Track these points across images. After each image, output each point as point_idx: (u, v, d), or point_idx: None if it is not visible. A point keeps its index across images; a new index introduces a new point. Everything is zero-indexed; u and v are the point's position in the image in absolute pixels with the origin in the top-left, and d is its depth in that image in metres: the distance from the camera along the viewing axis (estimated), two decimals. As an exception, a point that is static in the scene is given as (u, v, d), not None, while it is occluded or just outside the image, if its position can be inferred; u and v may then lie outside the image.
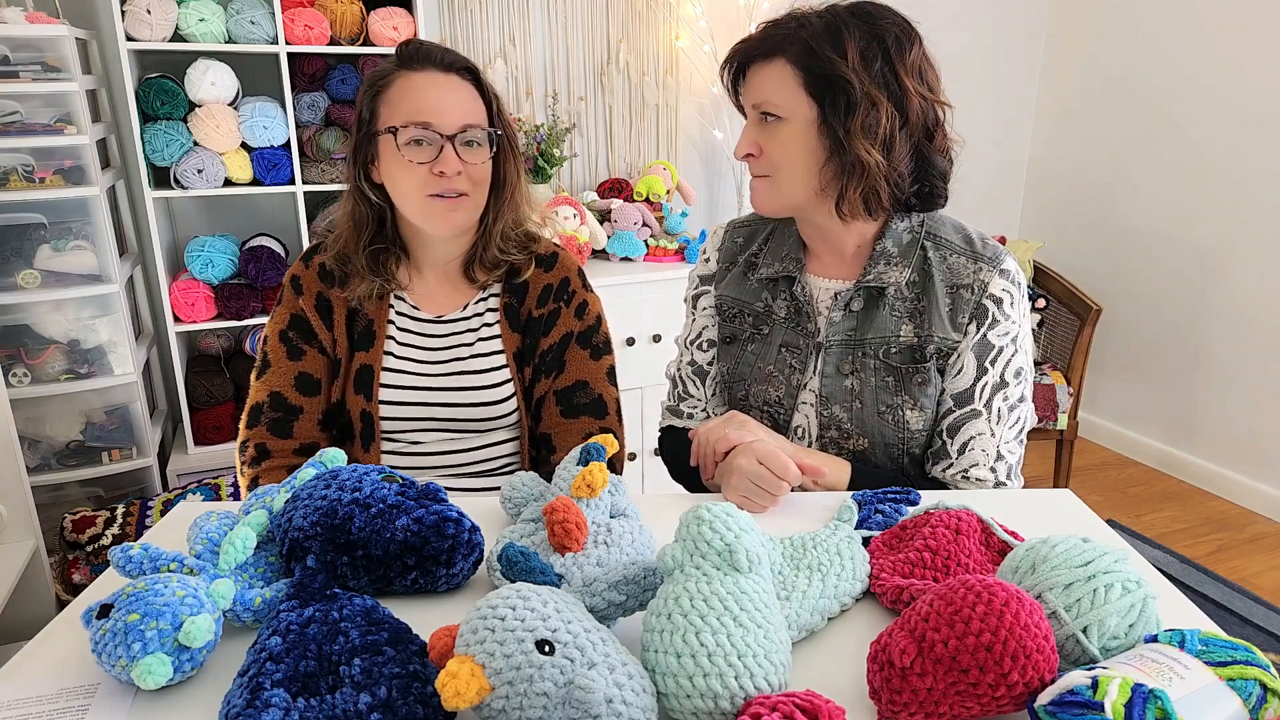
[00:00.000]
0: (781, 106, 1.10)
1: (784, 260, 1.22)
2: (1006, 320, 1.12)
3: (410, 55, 1.22)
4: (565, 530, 0.84)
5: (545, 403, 1.32)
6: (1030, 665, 0.61)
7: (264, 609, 0.79)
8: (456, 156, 1.19)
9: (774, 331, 1.23)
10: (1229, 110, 2.87)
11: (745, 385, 1.25)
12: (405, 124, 1.18)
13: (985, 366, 1.13)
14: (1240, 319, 2.90)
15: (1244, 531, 2.78)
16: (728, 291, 1.28)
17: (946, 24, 3.31)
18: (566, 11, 2.81)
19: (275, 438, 1.27)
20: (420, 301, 1.32)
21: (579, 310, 1.33)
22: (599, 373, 1.33)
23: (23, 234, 2.03)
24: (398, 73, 1.22)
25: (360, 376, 1.28)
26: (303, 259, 1.33)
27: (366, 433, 1.28)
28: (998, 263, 1.13)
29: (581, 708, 0.59)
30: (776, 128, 1.11)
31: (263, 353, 1.32)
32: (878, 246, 1.16)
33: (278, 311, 1.32)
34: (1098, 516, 1.03)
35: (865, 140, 1.06)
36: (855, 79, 1.05)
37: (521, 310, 1.31)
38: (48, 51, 1.97)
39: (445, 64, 1.22)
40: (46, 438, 2.14)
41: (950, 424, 1.15)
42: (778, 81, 1.10)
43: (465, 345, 1.30)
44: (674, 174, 2.92)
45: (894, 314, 1.15)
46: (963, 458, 1.14)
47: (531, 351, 1.31)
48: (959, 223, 1.19)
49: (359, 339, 1.29)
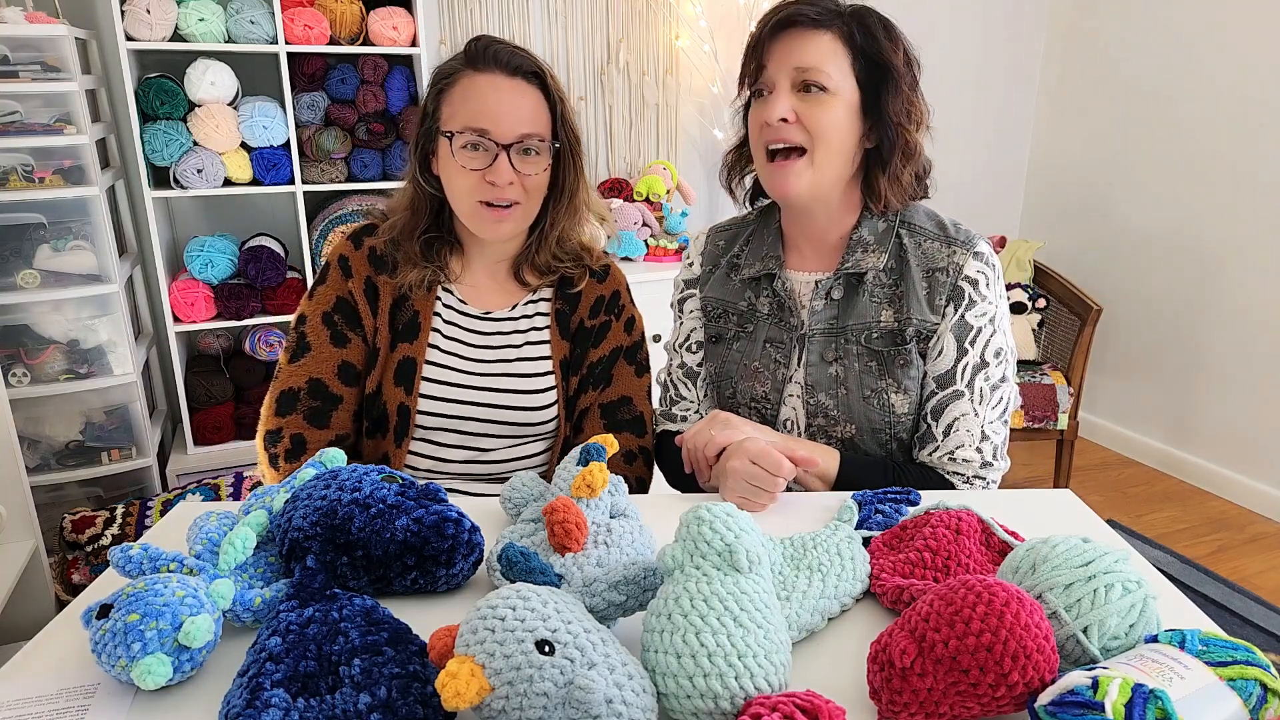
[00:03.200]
0: (831, 78, 1.10)
1: (764, 259, 1.24)
2: (983, 301, 1.14)
3: (476, 54, 1.18)
4: (565, 530, 0.84)
5: (589, 415, 1.30)
6: (1030, 665, 0.61)
7: (264, 609, 0.79)
8: (510, 167, 1.16)
9: (758, 328, 1.24)
10: (1229, 110, 2.87)
11: (733, 383, 1.26)
12: (462, 129, 1.16)
13: (965, 347, 1.14)
14: (1240, 319, 2.90)
15: (1244, 531, 2.78)
16: (712, 293, 1.29)
17: (947, 24, 3.31)
18: (566, 11, 2.81)
19: (313, 428, 1.21)
20: (468, 296, 1.29)
21: (628, 325, 1.33)
22: (641, 390, 1.33)
23: (22, 234, 2.03)
24: (463, 72, 1.18)
25: (402, 369, 1.23)
26: (351, 240, 1.27)
27: (401, 427, 1.23)
28: (971, 246, 1.15)
29: (581, 708, 0.59)
30: (820, 99, 1.10)
31: (299, 334, 1.24)
32: (854, 236, 1.18)
33: (321, 292, 1.25)
34: (1098, 516, 1.03)
35: (909, 124, 1.12)
36: (903, 69, 1.11)
37: (573, 319, 1.30)
38: (47, 51, 1.97)
39: (511, 67, 1.18)
40: (46, 438, 2.14)
41: (934, 406, 1.16)
42: (829, 52, 1.10)
43: (513, 347, 1.28)
44: (674, 174, 2.92)
45: (873, 300, 1.17)
46: (948, 439, 1.15)
47: (579, 361, 1.29)
48: (931, 210, 1.22)
49: (403, 330, 1.25)
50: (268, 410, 1.23)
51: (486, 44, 1.18)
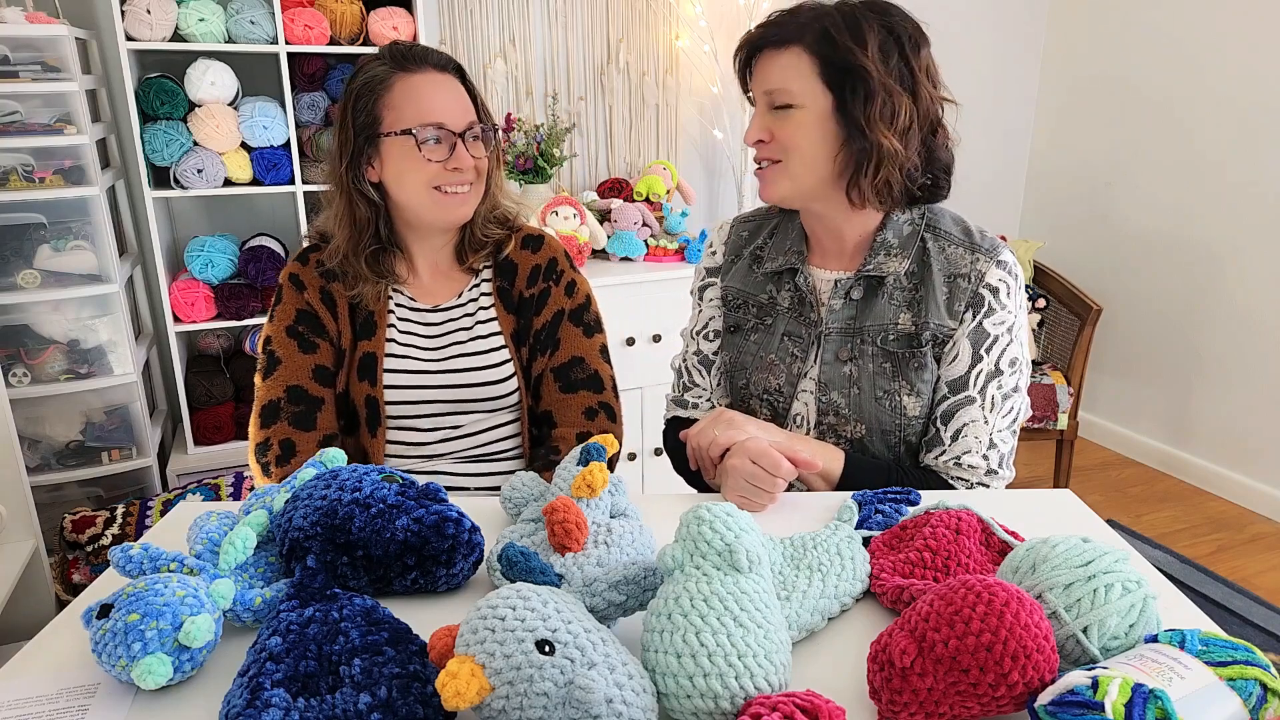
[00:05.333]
0: (795, 94, 1.10)
1: (787, 254, 1.24)
2: (1003, 310, 1.14)
3: (405, 56, 1.25)
4: (565, 530, 0.84)
5: (543, 380, 1.36)
6: (1030, 665, 0.61)
7: (264, 609, 0.79)
8: (467, 152, 1.25)
9: (777, 321, 1.25)
10: (1229, 110, 2.87)
11: (747, 374, 1.26)
12: (421, 125, 1.22)
13: (980, 354, 1.14)
14: (1240, 319, 2.90)
15: (1244, 531, 2.78)
16: (733, 283, 1.30)
17: (947, 23, 3.31)
18: (566, 11, 2.81)
19: (300, 431, 1.27)
20: (417, 294, 1.36)
21: (568, 289, 1.37)
22: (593, 349, 1.37)
23: (23, 234, 2.03)
24: (395, 75, 1.24)
25: (364, 363, 1.30)
26: (298, 259, 1.35)
27: (372, 419, 1.30)
28: (995, 254, 1.15)
29: (581, 708, 0.59)
30: (789, 114, 1.12)
31: (267, 353, 1.31)
32: (878, 238, 1.18)
33: (279, 311, 1.32)
34: (1098, 516, 1.03)
35: (884, 127, 1.08)
36: (874, 69, 1.07)
37: (513, 292, 1.36)
38: (47, 51, 1.97)
39: (439, 64, 1.26)
40: (46, 438, 2.14)
41: (945, 410, 1.16)
42: (793, 70, 1.10)
43: (464, 330, 1.34)
44: (674, 174, 2.92)
45: (892, 303, 1.17)
46: (955, 444, 1.15)
47: (526, 331, 1.35)
48: (959, 215, 1.21)
49: (361, 329, 1.32)
50: (254, 427, 1.29)
51: (407, 47, 1.26)
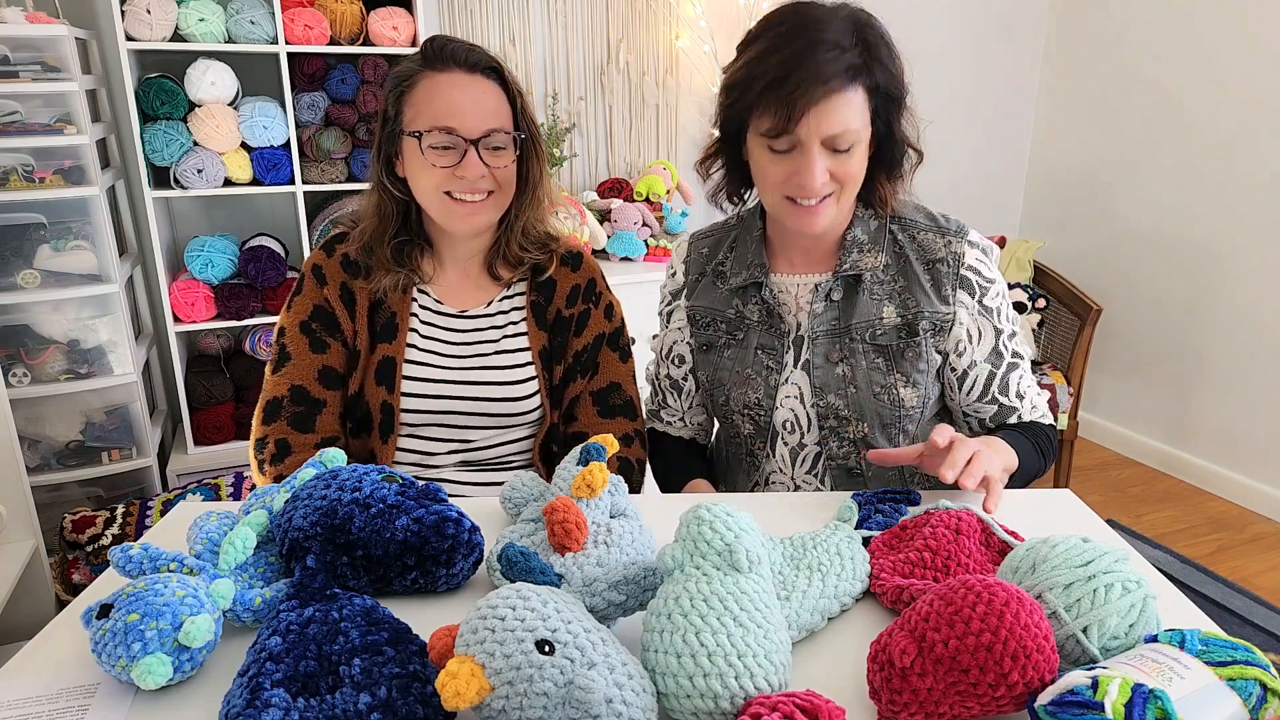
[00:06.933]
0: (858, 132, 1.08)
1: (750, 268, 1.24)
2: (990, 283, 1.19)
3: (434, 54, 1.20)
4: (565, 530, 0.84)
5: (580, 403, 1.32)
6: (1030, 665, 0.61)
7: (264, 609, 0.79)
8: (479, 161, 1.19)
9: (749, 335, 1.25)
10: (1230, 110, 2.87)
11: (725, 390, 1.26)
12: (430, 129, 1.17)
13: (998, 326, 1.20)
14: (1240, 319, 2.90)
15: (1244, 531, 2.78)
16: (699, 301, 1.29)
17: (947, 23, 3.32)
18: (566, 11, 2.81)
19: (297, 432, 1.24)
20: (443, 295, 1.31)
21: (607, 312, 1.34)
22: (627, 375, 1.35)
23: (22, 234, 2.03)
24: (422, 73, 1.20)
25: (382, 368, 1.26)
26: (323, 249, 1.30)
27: (386, 424, 1.26)
28: (964, 234, 1.20)
29: (581, 708, 0.59)
30: (850, 154, 1.09)
31: (280, 345, 1.27)
32: (848, 236, 1.19)
33: (297, 302, 1.28)
34: (1098, 516, 1.03)
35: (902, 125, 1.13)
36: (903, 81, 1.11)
37: (549, 309, 1.31)
38: (47, 51, 1.97)
39: (470, 64, 1.20)
40: (46, 438, 2.14)
41: (999, 384, 1.21)
42: (853, 110, 1.06)
43: (490, 342, 1.30)
44: (674, 174, 2.92)
45: (874, 298, 1.18)
46: (1024, 402, 1.22)
47: (561, 351, 1.31)
48: (917, 203, 1.24)
49: (381, 331, 1.27)
50: (256, 420, 1.27)
51: (443, 43, 1.20)
